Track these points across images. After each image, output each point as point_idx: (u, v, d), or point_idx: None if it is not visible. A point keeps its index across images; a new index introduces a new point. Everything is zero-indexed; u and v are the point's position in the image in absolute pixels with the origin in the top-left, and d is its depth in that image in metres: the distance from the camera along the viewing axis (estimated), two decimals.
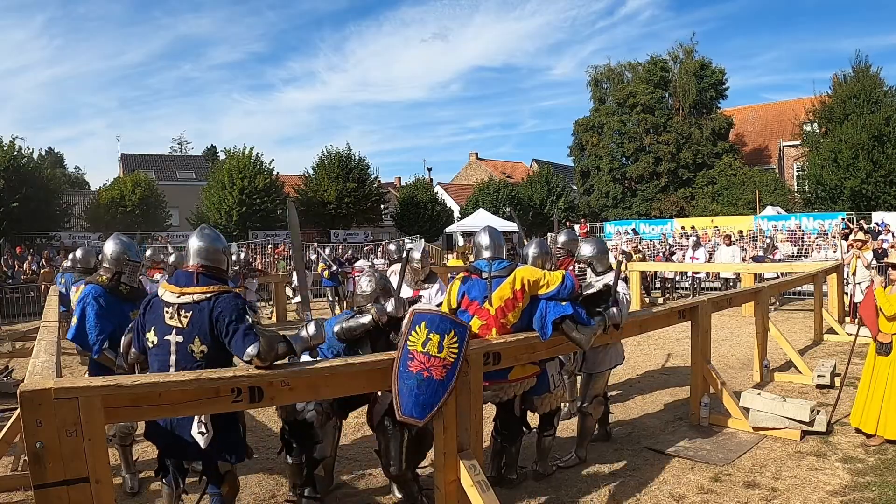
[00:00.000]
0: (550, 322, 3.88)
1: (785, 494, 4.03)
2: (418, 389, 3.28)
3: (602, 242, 5.15)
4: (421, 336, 3.33)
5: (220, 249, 3.26)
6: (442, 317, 3.43)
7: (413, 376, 3.28)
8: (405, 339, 3.34)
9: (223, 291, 3.07)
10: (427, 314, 3.41)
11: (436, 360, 3.30)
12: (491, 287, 3.95)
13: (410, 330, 3.35)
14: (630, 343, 8.83)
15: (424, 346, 3.30)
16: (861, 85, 27.32)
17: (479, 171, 46.31)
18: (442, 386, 3.33)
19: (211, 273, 3.14)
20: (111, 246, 4.32)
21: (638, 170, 34.74)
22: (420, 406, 3.30)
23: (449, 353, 3.34)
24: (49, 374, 3.06)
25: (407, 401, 3.29)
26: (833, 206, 24.78)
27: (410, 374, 3.28)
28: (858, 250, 10.21)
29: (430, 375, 3.29)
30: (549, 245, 4.88)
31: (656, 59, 35.51)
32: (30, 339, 8.78)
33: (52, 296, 8.14)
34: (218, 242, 3.27)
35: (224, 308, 2.97)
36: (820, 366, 6.71)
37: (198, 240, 3.24)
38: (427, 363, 3.29)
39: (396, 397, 3.31)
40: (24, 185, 23.21)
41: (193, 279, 3.08)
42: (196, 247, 3.21)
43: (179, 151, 54.04)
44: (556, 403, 4.41)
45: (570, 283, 3.92)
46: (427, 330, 3.32)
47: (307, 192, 31.22)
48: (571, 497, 4.16)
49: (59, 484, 2.36)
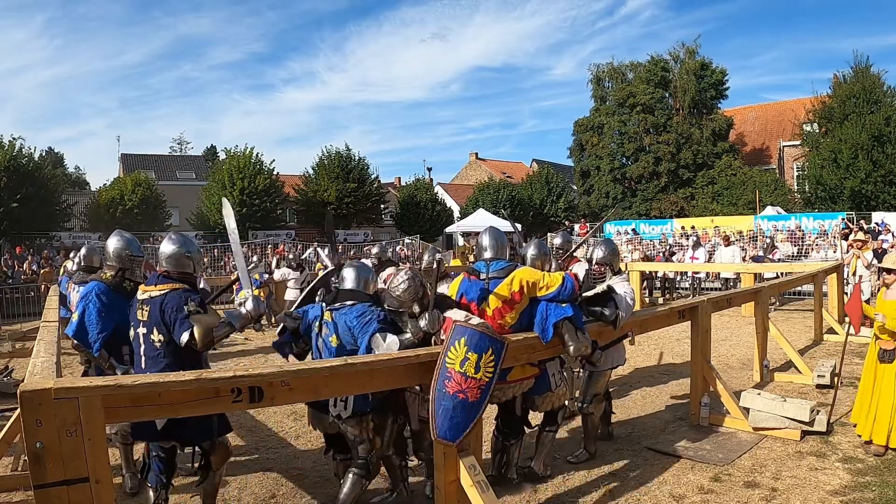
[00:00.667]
0: (551, 325, 3.87)
1: (785, 494, 4.03)
2: (454, 412, 3.25)
3: (612, 242, 5.15)
4: (460, 354, 3.26)
5: (184, 254, 3.60)
6: (482, 334, 3.34)
7: (450, 398, 3.24)
8: (444, 356, 3.27)
9: (174, 289, 3.44)
10: (468, 329, 3.32)
11: (471, 382, 3.26)
12: (488, 288, 3.95)
13: (450, 345, 3.26)
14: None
15: (462, 365, 3.24)
16: (861, 85, 27.32)
17: (479, 171, 46.31)
18: (475, 407, 3.31)
19: (172, 274, 3.54)
20: (114, 242, 4.33)
21: (638, 170, 34.76)
22: (454, 428, 3.28)
23: (485, 373, 3.29)
24: (49, 374, 3.06)
25: (443, 422, 3.27)
26: (833, 206, 24.77)
27: (447, 395, 3.24)
28: (858, 250, 10.22)
29: (465, 397, 3.25)
30: (548, 246, 4.88)
31: (657, 58, 35.52)
32: (30, 339, 8.77)
33: (52, 296, 8.15)
34: (183, 248, 3.61)
35: (170, 301, 3.36)
36: (820, 366, 6.71)
37: (165, 245, 3.63)
38: (463, 384, 3.24)
39: (433, 417, 3.29)
40: (24, 185, 23.20)
41: (156, 279, 3.53)
42: (162, 251, 3.61)
43: (179, 151, 54.12)
44: (559, 402, 4.39)
45: (569, 285, 3.91)
46: (466, 348, 3.26)
47: (307, 192, 31.22)
48: (571, 497, 4.15)
49: (59, 484, 2.36)
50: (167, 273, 3.54)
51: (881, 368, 4.66)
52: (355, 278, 3.88)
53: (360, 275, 3.91)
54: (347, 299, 3.75)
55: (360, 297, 3.78)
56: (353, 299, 3.74)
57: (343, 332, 3.63)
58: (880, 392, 4.62)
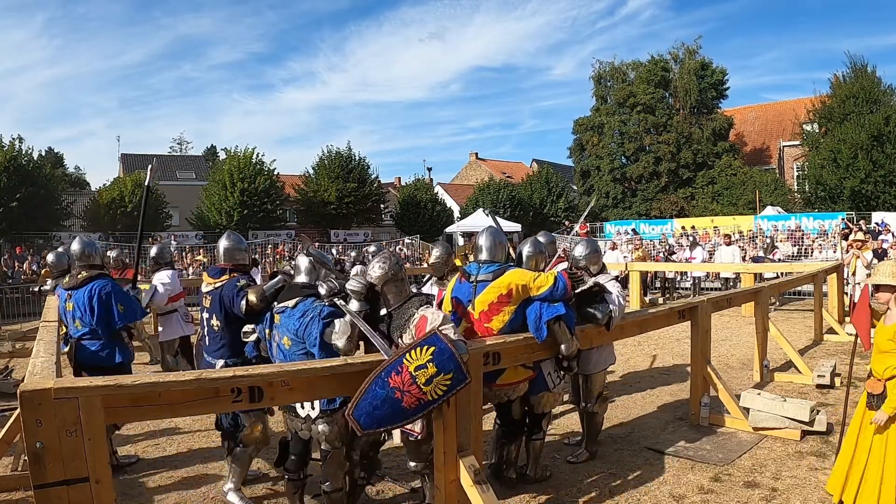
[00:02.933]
0: (545, 323, 3.83)
1: (785, 494, 4.03)
2: (380, 402, 3.08)
3: (594, 242, 5.07)
4: (420, 358, 3.08)
5: (236, 248, 4.32)
6: (449, 354, 3.13)
7: (386, 387, 3.07)
8: (406, 351, 3.13)
9: (231, 278, 4.12)
10: (444, 345, 3.12)
11: (415, 389, 3.08)
12: (475, 291, 3.92)
13: (417, 346, 3.11)
14: (630, 343, 8.85)
15: (417, 370, 3.07)
16: (860, 85, 27.31)
17: (479, 171, 46.30)
18: (403, 413, 3.14)
19: (228, 267, 4.22)
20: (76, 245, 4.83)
21: (638, 170, 34.75)
22: (372, 418, 3.10)
23: (433, 391, 3.11)
24: (49, 374, 3.06)
25: (364, 405, 3.09)
26: (833, 206, 24.78)
27: (386, 384, 3.07)
28: (858, 250, 10.22)
29: (399, 397, 3.08)
30: (544, 244, 4.85)
31: (657, 58, 35.52)
32: (30, 339, 8.77)
33: (51, 296, 8.13)
34: (236, 243, 4.35)
35: (226, 288, 4.05)
36: (820, 366, 6.71)
37: (221, 241, 4.37)
38: (406, 386, 3.07)
39: (359, 394, 3.09)
40: (24, 185, 23.19)
41: (217, 272, 4.22)
42: (218, 247, 4.38)
43: (179, 151, 54.07)
44: (555, 403, 4.38)
45: (562, 284, 3.88)
46: (430, 357, 3.08)
47: (307, 192, 31.21)
48: (571, 497, 4.15)
49: (59, 484, 2.36)
50: (224, 267, 4.21)
51: (867, 416, 3.58)
52: (308, 270, 3.81)
53: (314, 266, 3.83)
54: (290, 297, 3.66)
55: (301, 292, 3.66)
56: (296, 296, 3.64)
57: (291, 334, 3.56)
58: (860, 448, 3.57)
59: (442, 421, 3.43)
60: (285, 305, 3.64)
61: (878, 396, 3.48)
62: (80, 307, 4.53)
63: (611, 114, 36.13)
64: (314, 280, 3.78)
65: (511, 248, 4.33)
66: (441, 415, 3.41)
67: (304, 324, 3.49)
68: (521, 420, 4.31)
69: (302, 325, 3.50)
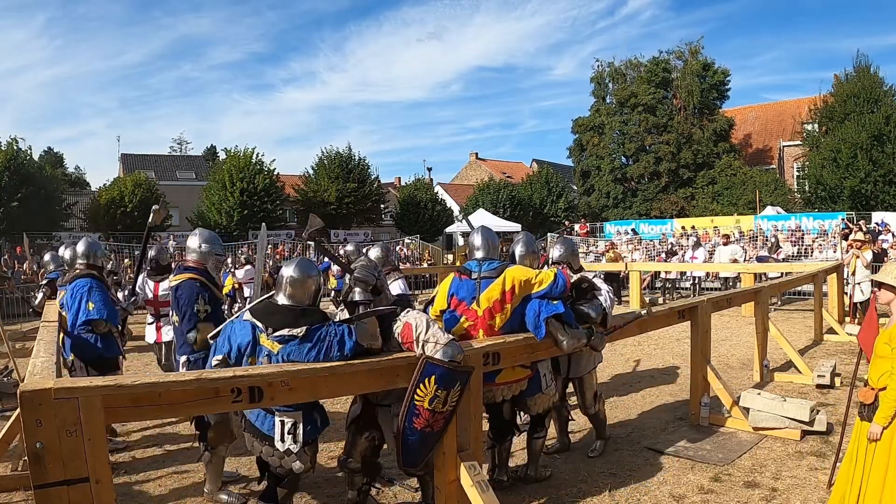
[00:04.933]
0: (543, 321, 3.84)
1: (785, 494, 4.03)
2: (420, 444, 3.26)
3: (571, 241, 5.10)
4: (429, 392, 3.18)
5: (211, 250, 4.46)
6: (451, 371, 3.21)
7: (417, 433, 3.24)
8: (412, 393, 3.19)
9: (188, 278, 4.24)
10: (438, 367, 3.18)
11: (438, 416, 3.24)
12: (479, 288, 3.93)
13: (419, 382, 3.17)
14: (630, 343, 8.85)
15: (431, 403, 3.19)
16: (861, 84, 27.31)
17: (479, 171, 46.30)
18: (440, 433, 3.32)
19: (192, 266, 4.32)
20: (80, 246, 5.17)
21: (638, 170, 34.76)
22: (420, 456, 3.32)
23: (450, 404, 3.27)
24: (49, 374, 3.06)
25: (408, 455, 3.29)
26: (833, 205, 24.78)
27: (415, 430, 3.24)
28: (858, 250, 10.22)
29: (431, 430, 3.25)
30: (536, 244, 4.86)
31: (658, 59, 35.53)
32: (30, 339, 8.76)
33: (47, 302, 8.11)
34: (210, 242, 4.47)
35: (184, 288, 4.19)
36: (820, 366, 6.71)
37: (195, 240, 4.45)
38: (431, 420, 3.23)
39: (399, 450, 3.28)
40: (24, 185, 23.20)
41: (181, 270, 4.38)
42: (192, 244, 4.44)
43: (179, 151, 54.02)
44: (549, 404, 4.36)
45: (561, 281, 3.91)
46: (436, 386, 3.18)
47: (307, 192, 31.22)
48: (571, 497, 4.15)
49: (59, 484, 2.36)
50: (188, 265, 4.28)
51: (863, 428, 3.38)
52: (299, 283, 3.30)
53: (303, 279, 3.32)
54: (292, 323, 3.15)
55: (307, 316, 3.20)
56: (299, 322, 3.14)
57: None
58: (863, 462, 3.36)
59: None
60: (287, 332, 3.15)
61: (869, 407, 3.32)
62: (66, 301, 4.92)
63: (611, 114, 36.15)
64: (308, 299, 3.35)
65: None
66: None
67: (322, 350, 3.10)
68: (511, 422, 4.29)
69: (319, 352, 3.10)
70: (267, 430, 3.27)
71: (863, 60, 28.48)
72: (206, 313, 4.09)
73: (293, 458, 3.27)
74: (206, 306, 4.11)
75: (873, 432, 3.28)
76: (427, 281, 20.18)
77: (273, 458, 3.32)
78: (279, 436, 3.24)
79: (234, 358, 3.21)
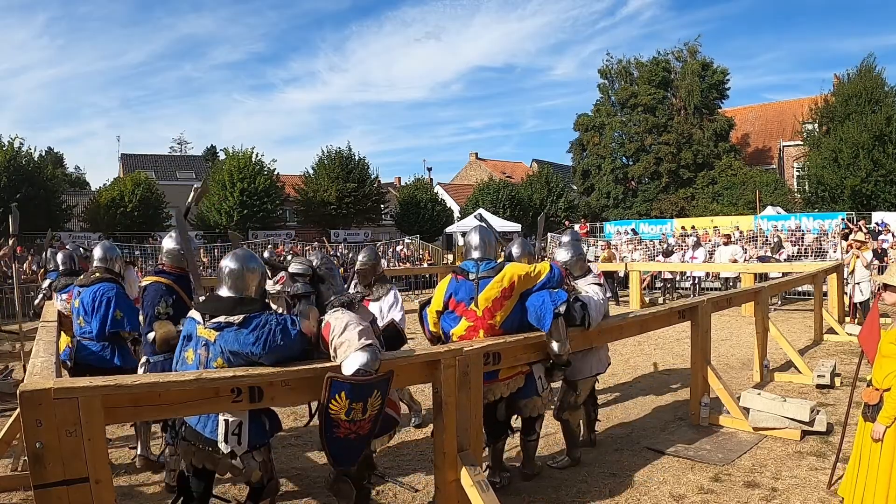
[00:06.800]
0: (550, 311, 3.81)
1: (785, 494, 4.03)
2: (348, 447, 3.09)
3: (578, 246, 4.98)
4: (343, 406, 2.93)
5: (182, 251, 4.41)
6: (359, 385, 2.92)
7: (342, 440, 3.05)
8: (326, 407, 2.93)
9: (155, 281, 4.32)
10: (345, 384, 2.91)
11: (361, 422, 3.02)
12: (478, 288, 3.93)
13: (330, 398, 2.90)
14: (630, 343, 8.85)
15: (349, 414, 2.95)
16: (862, 84, 27.28)
17: (479, 171, 46.29)
18: (369, 435, 3.14)
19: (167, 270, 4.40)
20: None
21: (639, 170, 34.77)
22: (352, 456, 3.16)
23: (372, 409, 3.04)
24: (49, 374, 3.06)
25: (339, 456, 3.11)
26: (833, 205, 24.76)
27: (339, 438, 3.04)
28: (858, 250, 10.22)
29: (357, 434, 3.06)
30: (531, 245, 4.85)
31: (658, 59, 35.52)
32: (29, 339, 8.76)
33: (47, 302, 8.11)
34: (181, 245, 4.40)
35: (150, 290, 4.26)
36: (820, 366, 6.70)
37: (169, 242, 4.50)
38: (353, 427, 3.02)
39: (329, 455, 3.09)
40: (24, 185, 23.19)
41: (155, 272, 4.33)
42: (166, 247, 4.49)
43: (179, 151, 54.09)
44: (542, 408, 4.33)
45: (557, 271, 3.98)
46: (348, 400, 2.92)
47: (307, 192, 31.22)
48: (571, 497, 4.15)
49: (59, 484, 2.36)
50: (161, 268, 4.25)
51: (867, 429, 3.39)
52: (237, 274, 3.22)
53: (241, 271, 3.23)
54: (229, 310, 3.10)
55: (245, 305, 3.13)
56: (237, 311, 3.08)
57: (229, 355, 3.01)
58: (868, 462, 3.37)
59: (442, 421, 3.43)
60: (223, 321, 3.07)
61: (873, 407, 3.31)
62: (84, 305, 4.66)
63: (612, 114, 36.17)
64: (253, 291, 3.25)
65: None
66: (441, 415, 3.41)
67: (263, 337, 2.97)
68: (505, 422, 4.28)
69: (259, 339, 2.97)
70: (209, 432, 3.05)
71: (870, 60, 28.42)
72: (166, 316, 4.06)
73: (238, 462, 3.11)
74: (168, 309, 4.10)
75: (877, 431, 3.29)
76: (427, 281, 20.19)
77: (220, 467, 3.19)
78: (223, 436, 3.02)
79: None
